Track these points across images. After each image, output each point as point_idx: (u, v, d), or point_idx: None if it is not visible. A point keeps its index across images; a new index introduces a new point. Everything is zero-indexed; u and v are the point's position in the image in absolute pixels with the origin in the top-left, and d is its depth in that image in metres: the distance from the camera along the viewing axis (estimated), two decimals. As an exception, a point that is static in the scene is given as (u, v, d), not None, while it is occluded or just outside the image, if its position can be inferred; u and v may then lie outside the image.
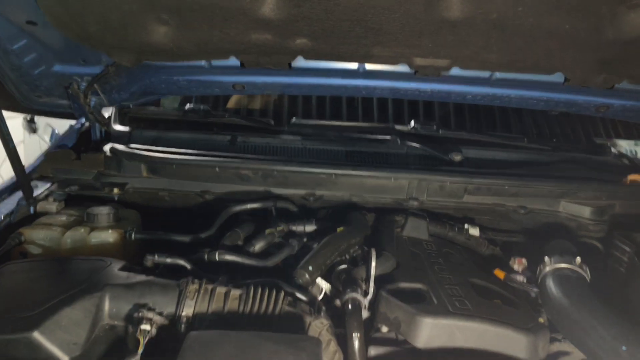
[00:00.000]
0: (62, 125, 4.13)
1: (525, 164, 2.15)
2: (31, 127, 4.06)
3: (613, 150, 2.23)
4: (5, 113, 1.77)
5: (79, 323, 1.24)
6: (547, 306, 1.53)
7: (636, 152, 2.31)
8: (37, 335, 1.17)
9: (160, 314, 1.29)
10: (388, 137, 2.17)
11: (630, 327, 1.31)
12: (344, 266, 1.66)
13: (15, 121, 4.63)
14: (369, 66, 1.87)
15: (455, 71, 1.77)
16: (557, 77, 1.78)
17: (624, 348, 1.25)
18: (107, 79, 1.92)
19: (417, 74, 1.83)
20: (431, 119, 2.38)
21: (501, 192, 1.97)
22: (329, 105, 2.53)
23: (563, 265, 1.56)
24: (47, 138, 4.33)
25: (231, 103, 2.73)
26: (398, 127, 2.24)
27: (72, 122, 2.47)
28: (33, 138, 4.38)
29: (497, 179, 1.96)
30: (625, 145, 2.31)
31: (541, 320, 1.55)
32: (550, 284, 1.53)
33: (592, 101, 1.89)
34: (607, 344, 1.29)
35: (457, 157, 2.08)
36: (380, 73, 1.90)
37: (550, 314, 1.53)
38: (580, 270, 1.56)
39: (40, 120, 4.31)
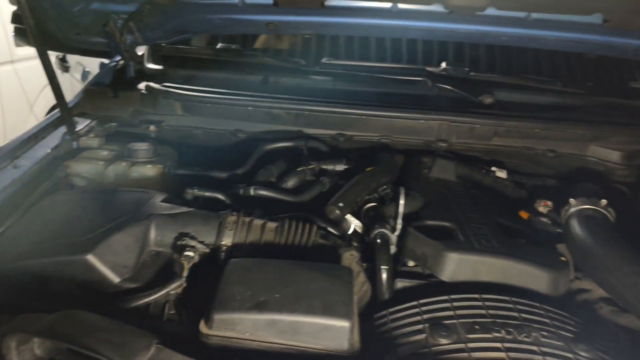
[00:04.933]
0: (92, 64, 4.20)
1: (558, 108, 2.13)
2: (64, 65, 4.13)
3: (649, 94, 2.20)
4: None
5: (129, 248, 1.33)
6: (571, 245, 1.58)
7: (673, 97, 2.26)
8: (91, 257, 1.26)
9: (201, 242, 1.38)
10: (419, 78, 2.17)
11: (652, 264, 1.35)
12: (372, 204, 1.72)
13: (48, 59, 4.70)
14: (402, 5, 1.86)
15: (491, 11, 1.74)
16: (596, 18, 1.74)
17: (645, 283, 1.29)
18: (142, 17, 1.96)
19: (452, 14, 1.81)
20: (461, 61, 2.36)
21: (531, 135, 1.98)
22: (358, 46, 2.51)
23: (588, 206, 1.59)
24: (78, 76, 4.41)
25: (258, 43, 2.73)
26: (429, 68, 2.23)
27: (102, 60, 2.52)
28: (65, 77, 4.46)
29: (528, 122, 1.97)
30: (661, 90, 2.26)
31: (563, 259, 1.61)
32: (575, 223, 1.57)
33: (631, 44, 1.85)
34: (629, 279, 1.33)
35: (488, 100, 2.07)
36: (414, 13, 1.89)
37: (573, 253, 1.58)
38: (604, 212, 1.59)
39: (71, 59, 4.37)
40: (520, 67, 2.43)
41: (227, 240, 1.40)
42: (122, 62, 2.32)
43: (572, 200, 1.65)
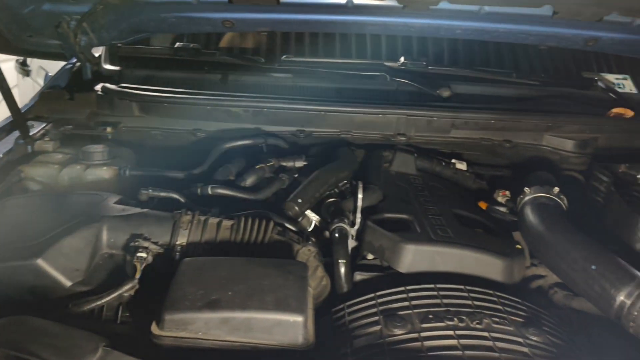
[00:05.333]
0: (54, 69, 4.10)
1: (513, 99, 2.17)
2: (24, 69, 4.02)
3: (600, 84, 2.25)
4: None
5: (80, 251, 1.31)
6: (525, 233, 1.61)
7: (623, 85, 2.32)
8: (41, 262, 1.24)
9: (155, 243, 1.36)
10: (377, 73, 2.19)
11: (600, 249, 1.38)
12: (333, 199, 1.72)
13: (8, 64, 4.59)
14: (357, 1, 1.86)
15: (444, 5, 1.76)
16: (546, 10, 1.77)
17: (593, 267, 1.32)
18: (96, 17, 1.92)
19: (406, 8, 1.82)
20: (424, 56, 2.38)
21: (488, 127, 2.01)
22: (322, 43, 2.52)
23: (541, 194, 1.63)
24: (40, 81, 4.30)
25: (224, 42, 2.71)
26: (388, 63, 2.25)
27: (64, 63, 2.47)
28: (27, 81, 4.36)
29: (484, 114, 2.00)
30: (612, 79, 2.32)
31: (519, 247, 1.64)
32: (528, 211, 1.60)
33: (580, 34, 1.89)
34: (579, 264, 1.36)
35: (445, 93, 2.10)
36: (369, 8, 1.89)
37: (527, 240, 1.61)
38: (557, 199, 1.62)
39: (33, 64, 4.26)
40: (481, 62, 2.47)
41: (181, 240, 1.39)
42: (78, 64, 2.28)
43: (526, 189, 1.68)
